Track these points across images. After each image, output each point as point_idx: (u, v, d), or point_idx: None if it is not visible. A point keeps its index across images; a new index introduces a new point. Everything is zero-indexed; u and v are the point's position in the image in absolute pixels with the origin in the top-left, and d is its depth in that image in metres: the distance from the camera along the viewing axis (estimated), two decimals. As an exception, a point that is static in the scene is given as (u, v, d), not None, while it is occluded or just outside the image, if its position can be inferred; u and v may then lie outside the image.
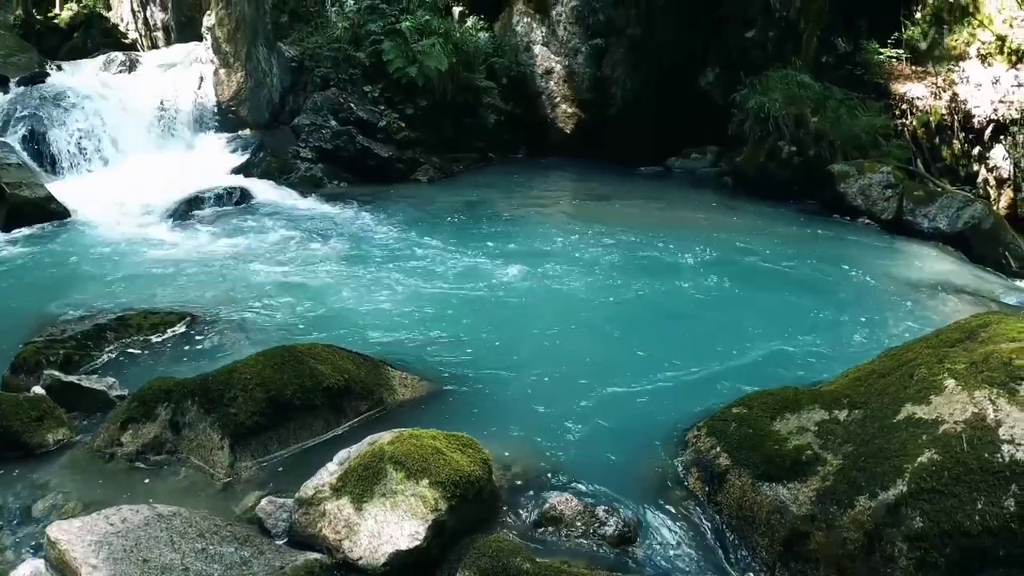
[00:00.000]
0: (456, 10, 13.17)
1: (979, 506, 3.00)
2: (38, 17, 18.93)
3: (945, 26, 12.14)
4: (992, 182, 11.49)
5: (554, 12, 12.94)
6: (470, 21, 13.12)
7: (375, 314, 6.11)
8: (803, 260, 8.04)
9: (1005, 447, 3.12)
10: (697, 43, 13.12)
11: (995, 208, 10.82)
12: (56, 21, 19.33)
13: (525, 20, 13.31)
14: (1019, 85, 11.30)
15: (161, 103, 13.31)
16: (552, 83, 13.11)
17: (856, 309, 6.77)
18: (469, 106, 12.42)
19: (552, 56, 13.07)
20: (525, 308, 6.37)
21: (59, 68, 14.01)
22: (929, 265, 8.51)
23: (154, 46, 21.13)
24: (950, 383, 3.51)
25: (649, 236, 8.45)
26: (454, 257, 7.58)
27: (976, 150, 11.65)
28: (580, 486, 3.82)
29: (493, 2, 13.81)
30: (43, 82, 12.81)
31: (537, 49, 13.20)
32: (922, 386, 3.57)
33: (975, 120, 11.58)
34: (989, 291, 7.92)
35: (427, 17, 12.35)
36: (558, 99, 13.11)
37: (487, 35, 13.15)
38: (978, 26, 11.80)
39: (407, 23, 12.09)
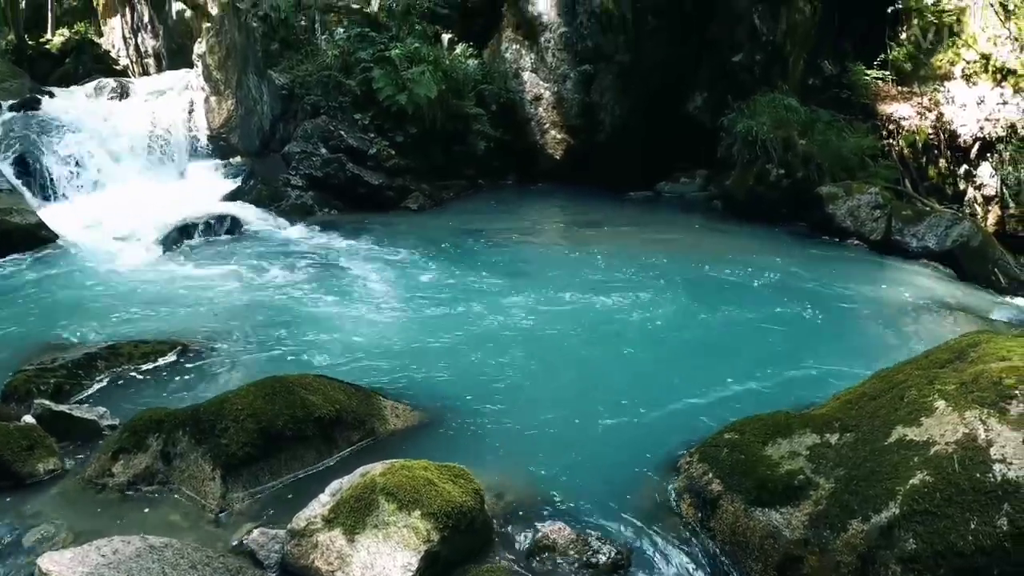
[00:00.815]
0: (445, 37, 13.25)
1: (972, 526, 3.00)
2: (30, 43, 19.02)
3: (930, 46, 12.26)
4: (979, 200, 11.58)
5: (543, 39, 13.03)
6: (459, 48, 13.18)
7: (366, 343, 6.10)
8: (792, 282, 8.06)
9: (997, 466, 3.12)
10: (685, 68, 13.22)
11: (983, 225, 10.91)
12: (48, 47, 19.42)
13: (514, 47, 13.40)
14: (1004, 103, 11.43)
15: (152, 130, 13.34)
16: (541, 109, 13.18)
17: (846, 330, 6.80)
18: (459, 133, 12.46)
19: (541, 82, 13.15)
20: (516, 336, 6.36)
21: (50, 95, 14.02)
22: (919, 284, 8.54)
23: (145, 73, 21.22)
24: (940, 404, 3.52)
25: (639, 262, 8.47)
26: (444, 286, 7.58)
27: (963, 168, 11.76)
28: (573, 514, 3.82)
29: (482, 29, 13.91)
30: (35, 108, 12.83)
31: (526, 76, 13.27)
32: (913, 408, 3.58)
33: (961, 139, 11.70)
34: (979, 308, 7.95)
35: (416, 45, 12.43)
36: (547, 125, 13.17)
37: (476, 62, 13.22)
38: (962, 46, 11.93)
39: (397, 51, 12.16)
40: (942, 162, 11.85)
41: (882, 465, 3.39)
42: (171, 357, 5.75)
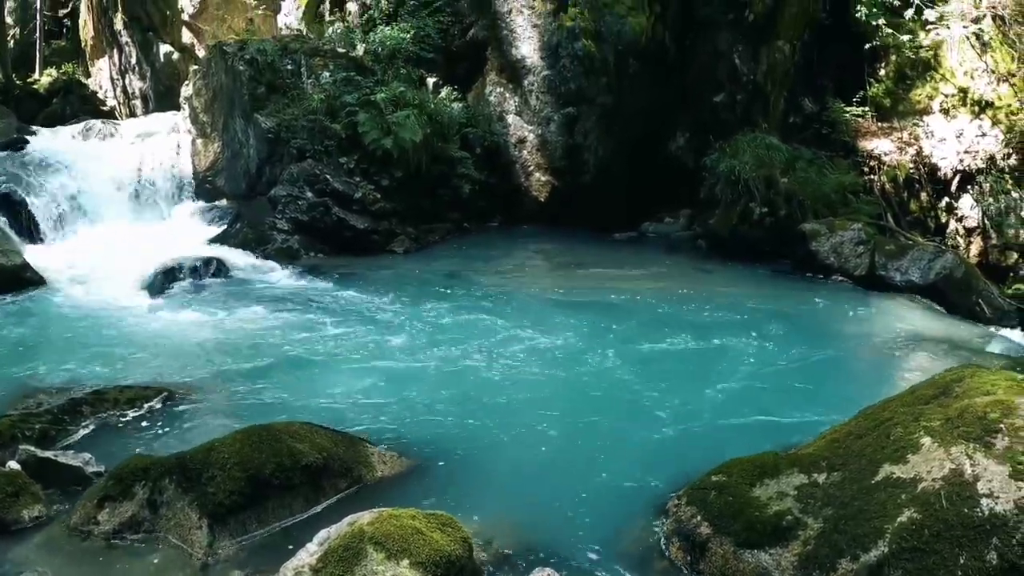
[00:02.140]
0: (430, 81, 13.35)
1: (961, 561, 3.01)
2: (17, 82, 19.07)
3: (908, 81, 12.43)
4: (962, 231, 11.68)
5: (526, 82, 13.15)
6: (444, 92, 13.29)
7: (353, 388, 6.08)
8: (778, 321, 8.09)
9: (984, 501, 3.13)
10: (667, 109, 13.36)
11: (966, 257, 10.99)
12: (35, 87, 19.47)
13: (498, 90, 13.51)
14: (983, 135, 11.56)
15: (139, 172, 13.37)
16: (525, 152, 13.25)
17: (833, 367, 6.82)
18: (444, 176, 12.51)
19: (525, 125, 13.24)
20: (502, 380, 6.35)
21: (37, 135, 14.05)
22: (904, 318, 8.59)
23: (132, 114, 21.30)
24: (926, 441, 3.54)
25: (625, 303, 8.48)
26: (429, 331, 7.56)
27: (944, 201, 11.88)
28: (562, 560, 3.80)
29: (466, 72, 14.02)
30: (21, 148, 12.84)
31: (510, 119, 13.36)
32: (899, 445, 3.60)
33: (942, 172, 11.82)
34: (965, 340, 8.00)
35: (401, 88, 12.51)
36: (532, 168, 13.24)
37: (461, 105, 13.31)
38: (940, 80, 12.10)
39: (382, 95, 12.24)
40: (923, 195, 11.96)
41: (870, 503, 3.39)
42: (157, 403, 5.73)
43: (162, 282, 9.43)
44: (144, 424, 5.43)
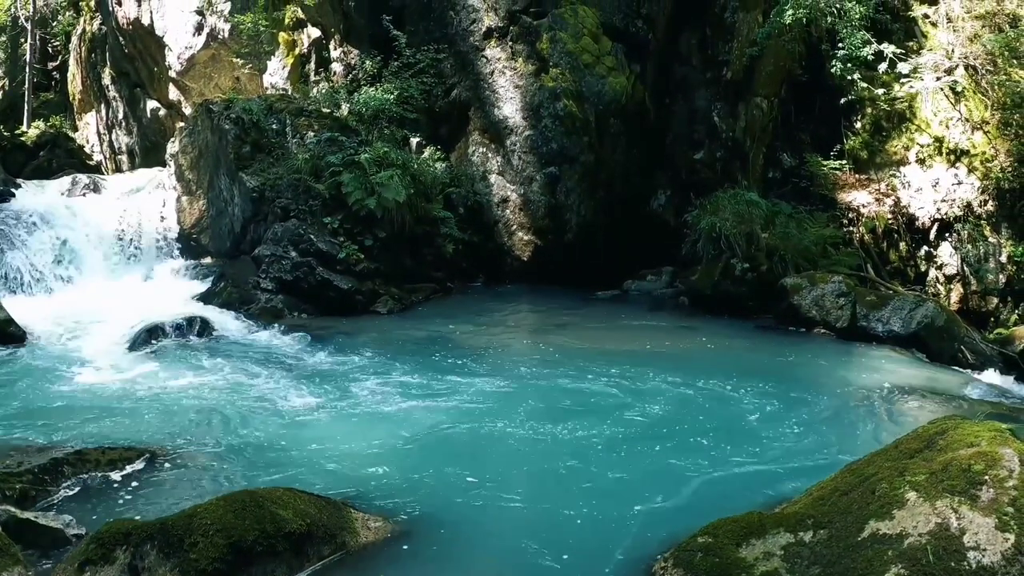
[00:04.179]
0: (414, 141, 13.50)
1: (950, 618, 2.99)
2: (5, 134, 19.13)
3: (884, 133, 12.64)
4: (941, 279, 11.80)
5: (508, 142, 13.31)
6: (427, 152, 13.43)
7: (337, 452, 6.03)
8: (762, 375, 8.09)
9: (971, 554, 3.13)
10: (648, 167, 13.55)
11: (947, 304, 11.09)
12: (23, 139, 19.54)
13: (481, 150, 13.66)
14: (959, 183, 11.75)
15: (124, 228, 13.40)
16: (508, 211, 13.36)
17: (817, 421, 6.81)
18: (427, 236, 12.59)
19: (508, 185, 13.37)
20: (487, 443, 6.30)
21: (23, 188, 14.10)
22: (887, 369, 8.62)
23: (118, 169, 21.47)
24: (912, 496, 3.54)
25: (608, 363, 8.44)
26: (412, 393, 7.51)
27: (923, 250, 12.01)
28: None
29: (450, 132, 14.21)
30: (7, 201, 12.84)
31: (493, 178, 13.50)
32: (884, 501, 3.59)
33: (920, 221, 11.99)
34: (949, 389, 8.03)
35: (385, 149, 12.63)
36: (515, 227, 13.33)
37: (444, 165, 13.45)
38: (916, 131, 12.31)
39: (366, 155, 12.36)
40: (903, 245, 12.10)
41: (857, 561, 3.38)
42: (139, 464, 5.65)
43: (145, 340, 9.38)
44: (126, 486, 5.35)
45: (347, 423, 6.71)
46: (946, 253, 11.84)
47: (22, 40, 24.48)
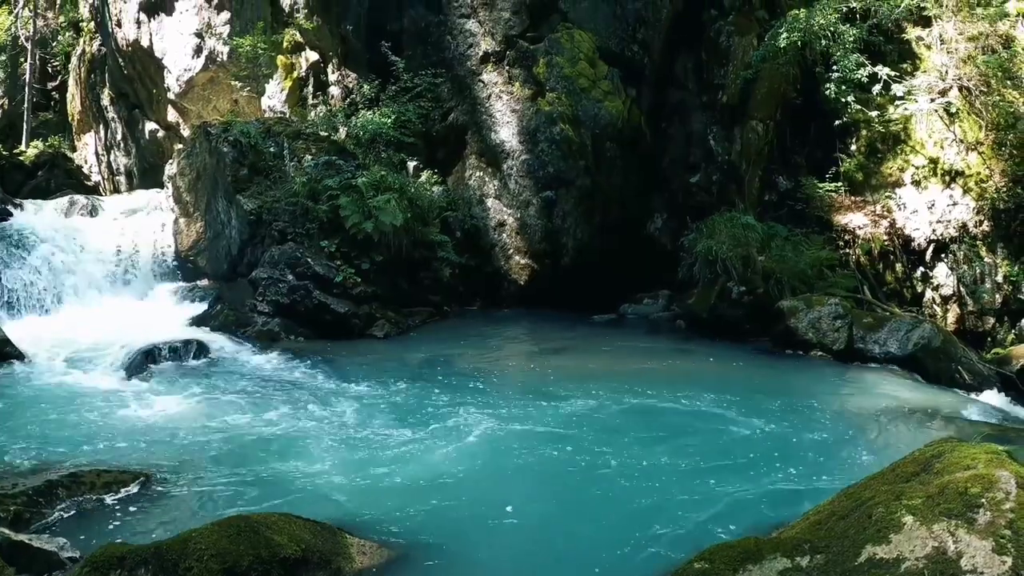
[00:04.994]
0: (411, 164, 13.53)
1: (948, 643, 2.97)
2: (3, 153, 19.19)
3: (879, 155, 12.68)
4: (938, 300, 11.81)
5: (505, 166, 13.35)
6: (424, 175, 13.46)
7: (333, 476, 6.01)
8: (759, 399, 8.07)
9: (968, 578, 3.12)
10: (644, 191, 13.59)
11: (943, 325, 11.09)
12: (21, 159, 19.60)
13: (478, 174, 13.71)
14: (954, 204, 11.78)
15: (121, 249, 13.42)
16: (505, 235, 13.38)
17: (814, 445, 6.80)
18: (424, 260, 12.60)
19: (504, 208, 13.40)
20: (484, 469, 6.27)
21: (21, 208, 14.11)
22: (885, 391, 8.60)
23: (116, 190, 21.49)
24: (908, 520, 3.53)
25: (604, 387, 8.41)
26: (409, 418, 7.49)
27: (919, 271, 12.02)
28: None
29: (447, 156, 14.25)
30: (5, 220, 12.85)
31: (490, 202, 13.53)
32: (881, 525, 3.58)
33: (915, 243, 12.00)
34: (947, 410, 8.00)
35: (382, 172, 12.66)
36: (511, 251, 13.35)
37: (441, 189, 13.49)
38: (911, 152, 12.36)
39: (363, 179, 12.39)
40: (899, 267, 12.11)
41: (854, 586, 3.36)
42: (134, 487, 5.64)
43: (141, 362, 9.35)
44: (121, 509, 5.34)
45: (343, 447, 6.69)
46: (942, 274, 11.85)
47: (22, 60, 24.66)
